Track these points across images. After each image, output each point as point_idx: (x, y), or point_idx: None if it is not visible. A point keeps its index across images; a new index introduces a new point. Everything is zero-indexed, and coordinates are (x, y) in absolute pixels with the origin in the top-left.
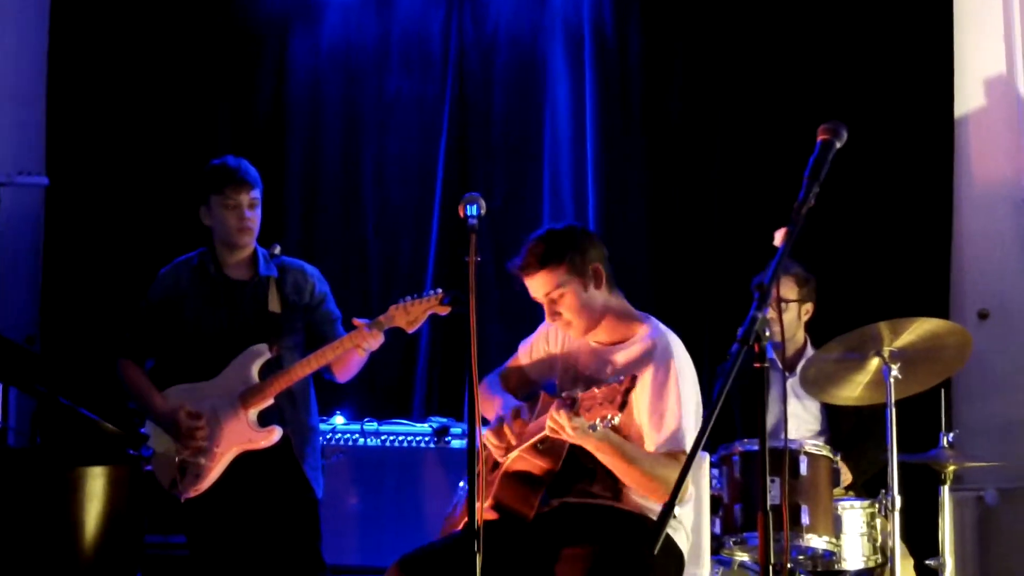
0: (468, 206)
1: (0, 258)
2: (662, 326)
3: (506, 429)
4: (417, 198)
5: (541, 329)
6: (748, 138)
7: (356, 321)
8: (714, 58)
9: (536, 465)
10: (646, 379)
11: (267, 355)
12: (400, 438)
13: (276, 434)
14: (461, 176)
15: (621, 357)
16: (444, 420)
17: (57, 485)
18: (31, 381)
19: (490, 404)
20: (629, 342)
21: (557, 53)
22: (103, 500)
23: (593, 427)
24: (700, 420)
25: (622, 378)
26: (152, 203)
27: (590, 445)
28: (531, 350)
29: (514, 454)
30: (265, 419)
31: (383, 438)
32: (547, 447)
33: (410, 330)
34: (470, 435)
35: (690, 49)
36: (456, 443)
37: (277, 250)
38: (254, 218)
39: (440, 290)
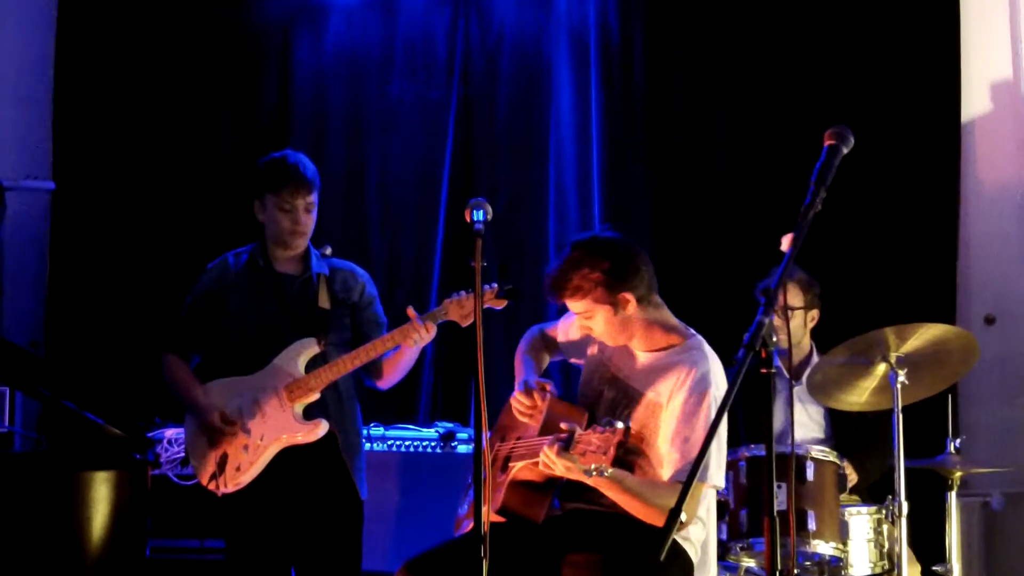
0: (474, 211)
1: (6, 262)
2: (706, 347)
3: (536, 397)
4: (422, 202)
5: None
6: (753, 142)
7: (410, 311)
8: (719, 63)
9: (543, 475)
10: (675, 403)
11: (315, 349)
12: (406, 443)
13: (322, 428)
14: (466, 180)
15: (654, 375)
16: (450, 425)
17: (62, 489)
18: (36, 385)
19: (520, 364)
20: (664, 352)
21: (562, 57)
22: (108, 504)
23: (588, 472)
24: (723, 453)
25: (618, 426)
26: (158, 207)
27: (589, 481)
28: (570, 329)
29: (519, 466)
30: (310, 416)
31: (389, 443)
32: None
33: (464, 324)
34: (476, 440)
35: (695, 54)
36: (462, 448)
37: (328, 251)
38: (309, 221)
39: (495, 284)
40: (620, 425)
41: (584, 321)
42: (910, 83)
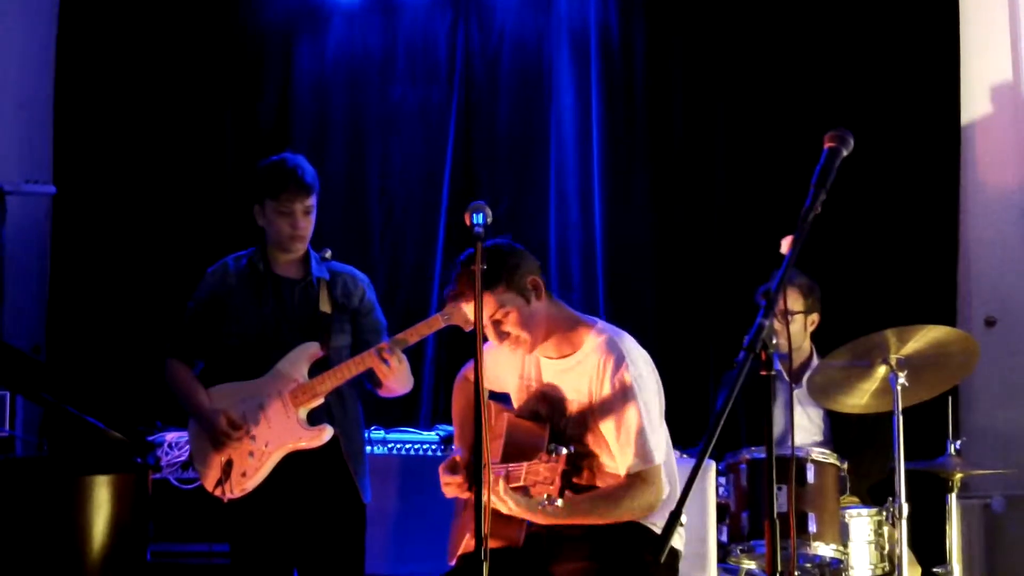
0: (474, 215)
1: (7, 266)
2: (610, 330)
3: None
4: (423, 205)
5: (492, 344)
6: (754, 145)
7: (384, 346)
8: (719, 64)
9: None
10: (602, 397)
11: (319, 353)
12: (407, 446)
13: (327, 433)
14: (467, 183)
15: (573, 377)
16: (451, 428)
17: (63, 494)
18: (37, 390)
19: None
20: (579, 354)
21: (563, 60)
22: (109, 508)
23: (540, 503)
24: (664, 423)
25: (563, 452)
26: (159, 211)
27: (540, 519)
28: (487, 363)
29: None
30: (313, 420)
31: (390, 446)
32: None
33: (467, 328)
34: (476, 443)
35: (695, 56)
36: None
37: (328, 254)
38: (308, 225)
39: None
40: (564, 451)
41: (498, 332)
42: (910, 85)
